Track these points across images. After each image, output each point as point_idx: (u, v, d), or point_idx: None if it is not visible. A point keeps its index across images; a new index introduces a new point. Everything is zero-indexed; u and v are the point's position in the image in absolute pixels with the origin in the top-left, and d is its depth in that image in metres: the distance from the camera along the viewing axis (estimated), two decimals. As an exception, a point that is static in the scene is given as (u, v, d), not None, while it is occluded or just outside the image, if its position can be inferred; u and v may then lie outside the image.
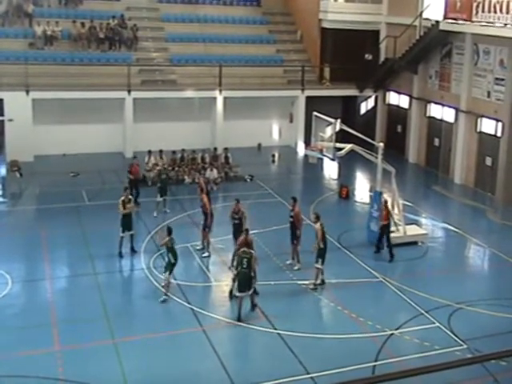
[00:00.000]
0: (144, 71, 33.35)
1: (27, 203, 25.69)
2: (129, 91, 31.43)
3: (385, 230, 20.57)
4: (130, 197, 21.19)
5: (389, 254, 20.30)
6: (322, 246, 18.11)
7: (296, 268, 19.40)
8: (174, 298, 17.51)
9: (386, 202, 20.90)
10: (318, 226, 18.30)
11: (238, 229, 19.61)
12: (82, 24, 33.35)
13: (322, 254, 18.16)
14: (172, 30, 35.83)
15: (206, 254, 20.47)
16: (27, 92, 30.06)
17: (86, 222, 23.00)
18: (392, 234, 21.55)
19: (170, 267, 17.36)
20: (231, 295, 17.50)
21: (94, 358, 14.63)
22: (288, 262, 19.76)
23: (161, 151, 27.98)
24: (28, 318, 16.36)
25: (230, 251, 20.86)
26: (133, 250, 20.37)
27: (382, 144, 22.20)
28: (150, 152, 27.96)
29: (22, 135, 29.66)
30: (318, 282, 18.25)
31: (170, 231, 17.74)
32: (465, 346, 15.44)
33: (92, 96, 30.90)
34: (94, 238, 21.73)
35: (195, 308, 16.97)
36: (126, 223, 20.27)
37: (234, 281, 17.26)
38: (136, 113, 31.79)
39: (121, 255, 20.02)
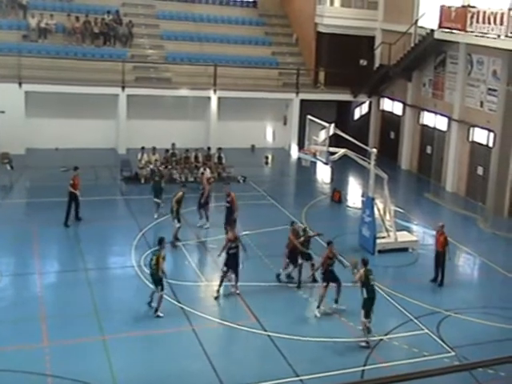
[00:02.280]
0: (138, 68, 33.28)
1: (17, 196, 25.55)
2: (123, 87, 31.35)
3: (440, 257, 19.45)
4: None
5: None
6: (365, 295, 15.78)
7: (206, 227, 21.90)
8: (165, 296, 17.43)
9: (442, 226, 19.59)
10: (361, 271, 15.87)
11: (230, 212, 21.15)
12: (77, 18, 33.26)
13: (365, 304, 15.81)
14: (167, 28, 35.77)
15: (207, 226, 22.10)
16: (20, 84, 29.93)
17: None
18: (383, 240, 21.66)
19: None
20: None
21: (83, 354, 14.56)
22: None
23: (154, 148, 27.92)
24: (17, 313, 16.26)
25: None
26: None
27: (374, 150, 22.25)
28: (143, 149, 27.89)
29: (14, 127, 29.47)
30: (367, 339, 15.88)
31: (160, 241, 16.94)
32: (453, 353, 15.50)
33: (86, 91, 30.79)
34: (85, 233, 21.65)
35: (185, 307, 16.94)
36: None
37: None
38: (130, 109, 31.72)
39: None
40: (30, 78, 30.03)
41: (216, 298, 17.67)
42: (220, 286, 17.82)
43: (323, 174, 30.35)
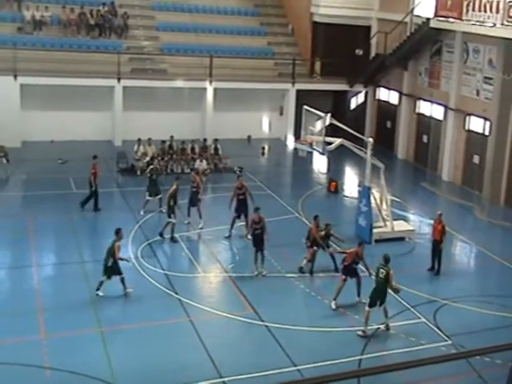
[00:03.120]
0: (134, 59, 33.19)
1: (13, 189, 25.53)
2: (118, 79, 31.27)
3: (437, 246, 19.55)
4: None
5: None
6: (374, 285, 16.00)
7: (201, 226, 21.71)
8: (162, 288, 17.50)
9: (440, 214, 19.65)
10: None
11: (243, 204, 20.99)
12: (72, 10, 33.13)
13: (371, 294, 15.90)
14: (163, 19, 35.66)
15: (202, 225, 21.83)
16: (15, 77, 29.85)
17: (73, 210, 22.87)
18: (380, 230, 21.69)
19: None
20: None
21: (80, 346, 14.56)
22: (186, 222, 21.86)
23: (149, 139, 27.87)
24: (14, 306, 16.25)
25: (218, 241, 20.98)
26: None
27: (371, 139, 22.23)
28: (139, 140, 27.85)
29: (9, 120, 29.43)
30: (365, 329, 15.85)
31: (116, 232, 17.09)
32: (450, 342, 15.55)
33: (81, 83, 30.72)
34: (82, 225, 21.66)
35: (182, 298, 16.96)
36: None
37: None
38: (125, 101, 31.65)
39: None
40: (26, 70, 29.93)
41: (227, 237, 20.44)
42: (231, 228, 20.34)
43: (320, 164, 30.34)
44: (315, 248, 18.94)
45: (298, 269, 18.96)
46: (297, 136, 27.90)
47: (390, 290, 15.99)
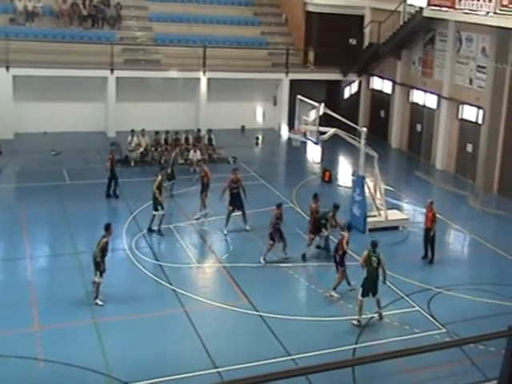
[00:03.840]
0: (127, 50, 33.05)
1: (7, 181, 25.40)
2: (111, 70, 31.14)
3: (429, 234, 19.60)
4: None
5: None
6: (364, 274, 15.86)
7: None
8: (156, 278, 17.51)
9: (431, 202, 19.70)
10: (365, 252, 16.01)
11: (237, 197, 20.86)
12: (64, 0, 32.91)
13: (363, 283, 15.91)
14: (156, 10, 35.47)
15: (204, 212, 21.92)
16: (7, 68, 29.68)
17: (66, 202, 22.82)
18: (374, 219, 21.72)
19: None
20: None
21: (74, 337, 14.55)
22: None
23: (143, 130, 27.80)
24: (8, 298, 16.22)
25: (212, 232, 20.99)
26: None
27: (365, 129, 22.25)
28: (132, 131, 27.78)
29: (2, 112, 29.29)
30: (359, 318, 15.85)
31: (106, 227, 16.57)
32: (444, 330, 15.61)
33: (74, 74, 30.55)
34: (75, 217, 21.60)
35: (177, 289, 16.97)
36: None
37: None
38: (119, 92, 31.52)
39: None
40: (18, 61, 29.74)
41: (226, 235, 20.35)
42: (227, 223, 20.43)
43: (313, 153, 30.32)
44: (312, 236, 19.31)
45: (302, 256, 19.14)
46: (291, 126, 27.86)
47: (381, 278, 15.95)
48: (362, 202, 21.51)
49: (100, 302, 16.00)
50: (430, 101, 30.57)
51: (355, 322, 15.78)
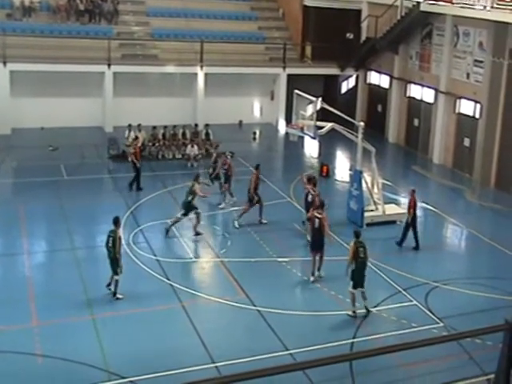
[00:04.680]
0: (124, 45, 33.00)
1: (4, 177, 25.38)
2: (109, 65, 31.10)
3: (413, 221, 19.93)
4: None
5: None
6: (353, 267, 15.88)
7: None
8: (154, 274, 17.52)
9: (413, 190, 20.11)
10: (352, 243, 16.09)
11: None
12: (61, -5, 32.89)
13: (352, 275, 15.94)
14: (153, 5, 35.42)
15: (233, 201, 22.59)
16: (4, 63, 29.66)
17: (64, 197, 22.81)
18: (371, 213, 21.74)
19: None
20: None
21: (73, 333, 14.56)
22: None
23: (139, 125, 27.74)
24: (5, 293, 16.21)
25: (210, 227, 21.01)
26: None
27: (362, 123, 22.24)
28: (130, 126, 27.72)
29: (-1, 107, 29.32)
30: (354, 309, 16.00)
31: (115, 221, 16.26)
32: (441, 324, 15.65)
33: (71, 69, 30.54)
34: (73, 212, 21.58)
35: (174, 284, 16.99)
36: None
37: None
38: (116, 87, 31.49)
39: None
40: (15, 57, 29.69)
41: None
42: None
43: (311, 148, 30.34)
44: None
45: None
46: (288, 120, 27.86)
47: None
48: (360, 196, 21.52)
49: (120, 296, 16.09)
50: (428, 95, 30.58)
51: (350, 313, 15.87)
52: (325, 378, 13.18)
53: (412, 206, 19.82)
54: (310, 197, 19.90)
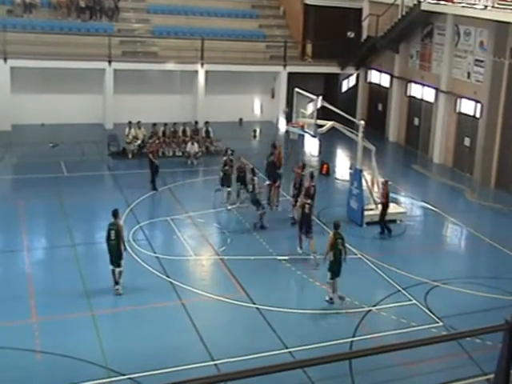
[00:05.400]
0: (125, 42, 32.96)
1: (4, 173, 25.37)
2: (109, 62, 31.08)
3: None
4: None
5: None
6: (331, 258, 16.15)
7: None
8: (154, 271, 17.51)
9: (386, 181, 21.15)
10: (331, 234, 16.39)
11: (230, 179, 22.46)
12: (62, -8, 32.86)
13: (330, 266, 16.25)
14: (154, 2, 35.37)
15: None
16: (5, 60, 29.62)
17: (64, 194, 22.81)
18: (371, 212, 21.74)
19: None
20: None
21: (72, 329, 14.57)
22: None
23: (138, 122, 27.72)
24: (5, 289, 16.23)
25: (210, 224, 21.01)
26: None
27: (362, 122, 22.25)
28: (130, 123, 27.72)
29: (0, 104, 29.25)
30: (329, 296, 16.41)
31: (114, 214, 16.57)
32: (441, 324, 15.66)
33: (72, 66, 30.51)
34: (73, 209, 21.58)
35: (174, 281, 16.98)
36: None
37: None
38: (116, 84, 31.48)
39: None
40: (16, 53, 29.68)
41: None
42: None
43: (311, 146, 30.32)
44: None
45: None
46: (288, 119, 27.84)
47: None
48: (360, 195, 21.52)
49: (120, 291, 16.11)
50: (428, 94, 30.56)
51: (327, 299, 16.21)
52: (324, 377, 13.19)
53: (384, 196, 20.60)
54: (297, 185, 20.95)
